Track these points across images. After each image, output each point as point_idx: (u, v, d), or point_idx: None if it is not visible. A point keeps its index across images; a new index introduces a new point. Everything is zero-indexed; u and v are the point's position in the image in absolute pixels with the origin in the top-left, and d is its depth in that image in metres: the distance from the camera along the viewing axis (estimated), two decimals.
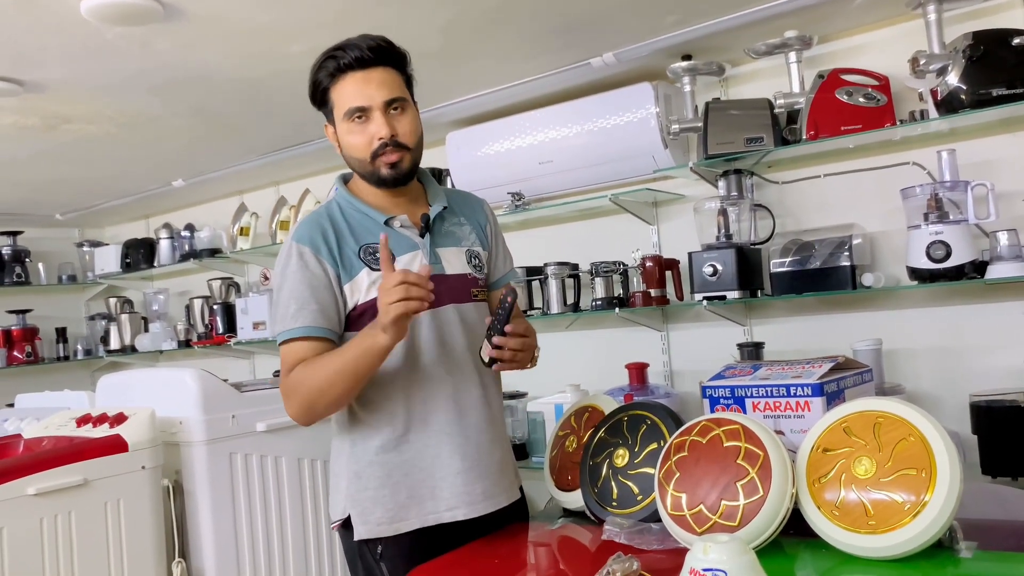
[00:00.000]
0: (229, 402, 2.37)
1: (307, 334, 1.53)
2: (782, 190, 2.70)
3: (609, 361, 2.92)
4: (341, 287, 1.56)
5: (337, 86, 1.56)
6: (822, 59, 2.58)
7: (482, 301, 1.70)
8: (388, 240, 1.49)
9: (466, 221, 1.73)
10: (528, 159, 3.01)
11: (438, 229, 1.66)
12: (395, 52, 1.59)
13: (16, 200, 4.18)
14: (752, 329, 2.77)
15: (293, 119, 3.07)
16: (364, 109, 1.54)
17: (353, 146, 1.57)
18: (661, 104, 2.72)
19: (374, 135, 1.54)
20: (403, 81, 1.60)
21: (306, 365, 1.51)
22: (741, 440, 1.29)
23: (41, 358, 4.57)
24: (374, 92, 1.53)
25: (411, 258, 1.60)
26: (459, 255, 1.67)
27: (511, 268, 1.82)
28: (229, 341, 3.92)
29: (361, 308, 1.56)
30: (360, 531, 1.57)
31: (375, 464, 1.58)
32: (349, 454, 1.62)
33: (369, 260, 1.57)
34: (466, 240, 1.71)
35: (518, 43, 2.47)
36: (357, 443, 1.61)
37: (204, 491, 2.29)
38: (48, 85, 2.47)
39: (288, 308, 1.54)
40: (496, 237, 1.80)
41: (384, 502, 1.56)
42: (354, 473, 1.60)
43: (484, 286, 1.72)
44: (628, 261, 2.89)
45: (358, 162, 1.59)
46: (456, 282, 1.63)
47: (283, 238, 3.74)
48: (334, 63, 1.55)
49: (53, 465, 1.96)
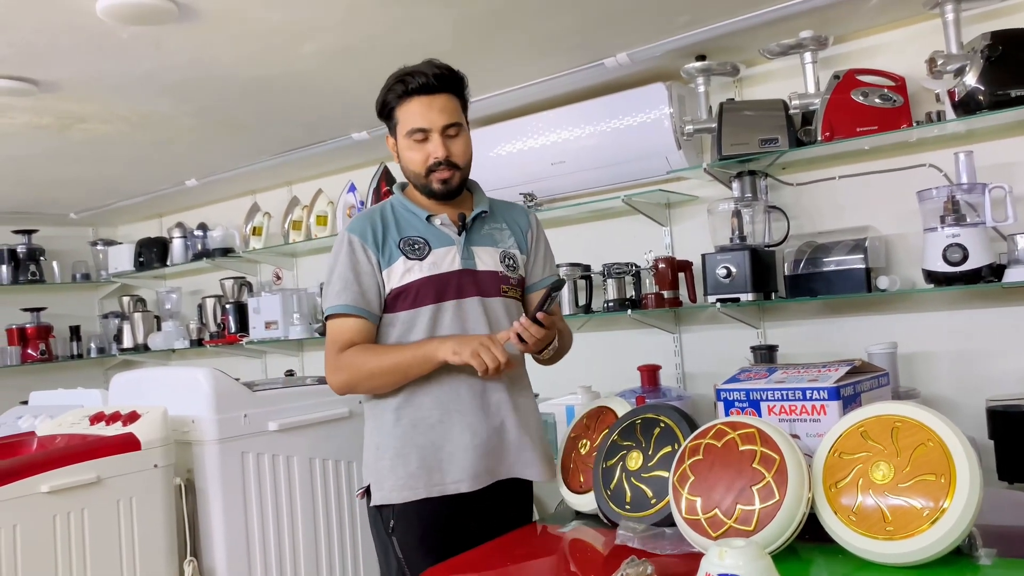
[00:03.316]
0: (241, 401, 2.37)
1: (347, 311, 1.73)
2: (796, 192, 2.68)
3: (621, 363, 2.91)
4: (380, 273, 1.75)
5: (403, 107, 1.75)
6: (837, 60, 2.56)
7: (512, 298, 1.84)
8: (428, 234, 1.75)
9: (507, 227, 1.89)
10: (540, 160, 3.00)
11: (477, 230, 1.83)
12: (457, 79, 1.78)
13: (31, 199, 4.20)
14: (765, 332, 2.76)
15: (305, 120, 3.07)
16: (425, 131, 1.73)
17: (411, 160, 1.77)
18: (675, 105, 2.71)
19: (431, 154, 1.74)
20: (460, 106, 1.79)
21: (362, 350, 1.72)
22: (757, 444, 1.27)
23: (55, 356, 4.60)
24: (435, 117, 1.73)
25: (445, 251, 1.77)
26: (493, 254, 1.82)
27: (553, 273, 1.95)
28: (241, 340, 3.93)
29: (395, 292, 1.74)
30: (375, 497, 1.75)
31: (392, 436, 1.74)
32: (373, 428, 1.80)
33: (407, 250, 1.75)
34: (503, 243, 1.86)
35: (529, 44, 2.47)
36: (379, 417, 1.78)
37: (216, 490, 2.29)
38: (62, 85, 2.48)
39: (335, 287, 1.75)
40: (537, 243, 1.93)
41: (397, 471, 1.72)
42: (375, 444, 1.78)
43: (517, 285, 1.86)
44: (640, 263, 2.88)
45: (414, 175, 1.79)
46: (485, 277, 1.79)
47: (295, 238, 3.77)
48: (402, 87, 1.74)
49: (66, 463, 1.96)
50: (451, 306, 1.74)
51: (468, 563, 1.51)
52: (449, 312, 1.74)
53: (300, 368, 4.02)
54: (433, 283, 1.73)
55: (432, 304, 1.73)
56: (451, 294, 1.74)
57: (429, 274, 1.73)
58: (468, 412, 1.73)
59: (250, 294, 4.09)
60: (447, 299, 1.74)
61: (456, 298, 1.74)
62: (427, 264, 1.74)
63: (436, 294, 1.73)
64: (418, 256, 1.74)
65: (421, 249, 1.75)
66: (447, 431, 1.72)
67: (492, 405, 1.76)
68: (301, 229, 3.75)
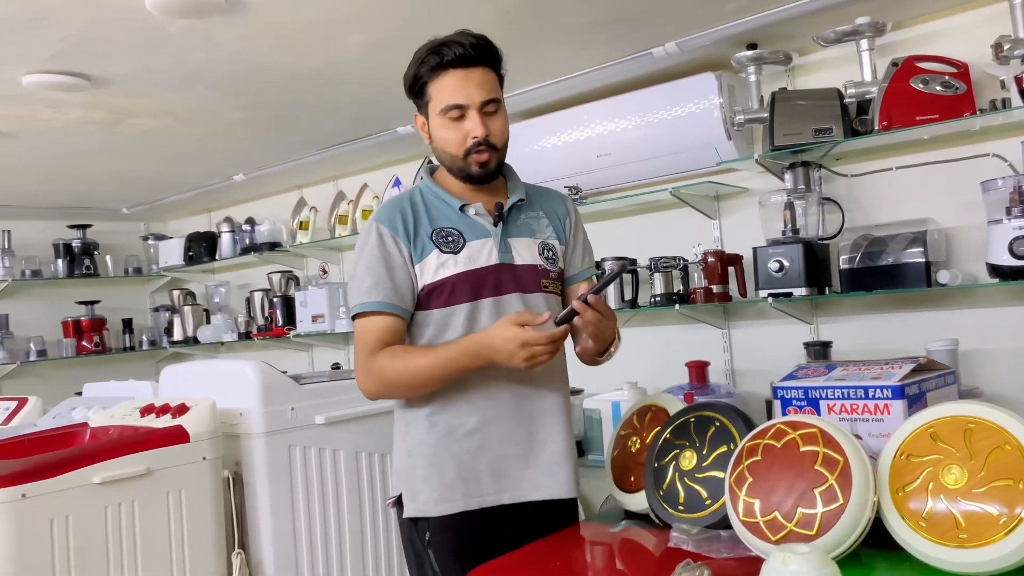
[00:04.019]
0: (288, 394, 2.38)
1: (380, 309, 1.59)
2: (850, 183, 2.60)
3: (668, 359, 2.86)
4: (413, 267, 1.61)
5: (437, 81, 1.60)
6: (895, 46, 2.47)
7: (553, 293, 1.71)
8: (462, 225, 1.61)
9: (544, 215, 1.75)
10: (586, 152, 2.96)
11: (513, 220, 1.69)
12: (494, 51, 1.63)
13: (85, 194, 4.29)
14: (818, 327, 2.68)
15: (352, 113, 3.07)
16: (462, 107, 1.58)
17: (447, 140, 1.62)
18: (724, 95, 2.64)
19: (469, 133, 1.59)
20: (498, 81, 1.64)
21: (396, 354, 1.57)
22: (819, 445, 1.22)
23: (108, 348, 4.69)
24: (473, 92, 1.57)
25: (481, 245, 1.63)
26: (531, 246, 1.68)
27: (591, 264, 1.83)
28: (288, 334, 3.96)
29: (429, 288, 1.61)
30: (409, 509, 1.62)
31: (425, 444, 1.61)
32: (404, 433, 1.67)
33: (440, 242, 1.62)
34: (541, 233, 1.72)
35: (576, 33, 2.42)
36: (410, 423, 1.65)
37: (263, 483, 2.30)
38: (113, 80, 2.51)
39: (363, 283, 1.60)
40: (576, 232, 1.80)
41: (431, 481, 1.59)
42: (407, 452, 1.65)
43: (557, 279, 1.73)
44: (688, 256, 2.83)
45: (450, 157, 1.63)
46: (524, 272, 1.65)
47: (342, 232, 3.78)
48: (436, 58, 1.58)
49: (118, 454, 1.99)
50: (488, 304, 1.61)
51: (514, 563, 1.47)
52: (486, 310, 1.60)
53: (346, 361, 4.04)
54: (469, 279, 1.60)
55: (468, 302, 1.60)
56: (488, 291, 1.61)
57: (465, 269, 1.60)
58: (508, 418, 1.61)
59: (297, 288, 4.12)
60: (484, 296, 1.61)
61: (494, 295, 1.61)
62: (462, 258, 1.61)
63: (473, 291, 1.60)
64: (452, 249, 1.61)
65: (456, 242, 1.62)
66: (486, 439, 1.60)
67: (534, 412, 1.64)
68: (347, 223, 3.76)
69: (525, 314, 1.51)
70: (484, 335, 1.53)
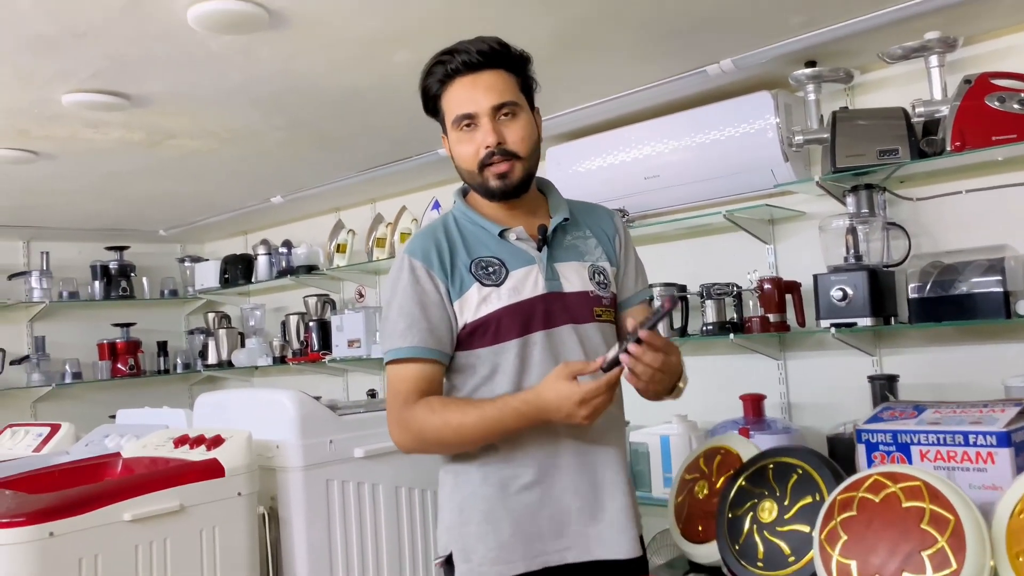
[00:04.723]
0: (327, 426, 2.28)
1: (416, 355, 1.45)
2: (915, 207, 2.47)
3: (719, 390, 2.72)
4: (451, 304, 1.47)
5: (447, 93, 1.49)
6: (964, 63, 2.34)
7: (607, 322, 1.56)
8: (503, 253, 1.47)
9: (591, 234, 1.60)
10: (633, 174, 2.86)
11: (558, 242, 1.54)
12: (509, 54, 1.49)
13: (123, 215, 4.28)
14: (881, 359, 2.54)
15: (393, 134, 3.01)
16: (471, 116, 1.45)
17: (461, 156, 1.49)
18: (781, 114, 2.53)
19: (481, 143, 1.45)
20: (517, 84, 1.50)
21: (435, 410, 1.44)
22: (924, 500, 1.09)
23: (143, 371, 4.66)
24: (480, 97, 1.44)
25: (526, 273, 1.49)
26: (580, 271, 1.54)
27: (645, 286, 1.67)
28: (324, 359, 3.89)
29: (471, 327, 1.47)
30: (461, 570, 1.47)
31: (479, 498, 1.47)
32: (453, 485, 1.53)
33: (481, 275, 1.48)
34: (590, 255, 1.57)
35: (628, 50, 2.33)
36: (460, 474, 1.51)
37: (300, 519, 2.20)
38: (153, 99, 2.47)
39: (397, 325, 1.47)
40: (627, 251, 1.64)
41: (487, 539, 1.45)
42: (457, 506, 1.50)
43: (610, 306, 1.58)
44: (741, 282, 2.70)
45: (467, 173, 1.51)
46: (575, 300, 1.51)
47: (379, 255, 3.71)
48: (442, 68, 1.48)
49: (150, 489, 1.90)
50: (540, 338, 1.46)
51: None
52: (538, 346, 1.46)
53: (381, 388, 3.95)
54: (516, 312, 1.46)
55: (517, 338, 1.46)
56: (538, 324, 1.46)
57: (510, 302, 1.46)
58: (569, 468, 1.47)
59: (333, 312, 4.06)
60: (534, 330, 1.46)
61: (544, 328, 1.46)
62: (506, 290, 1.46)
63: (521, 325, 1.46)
64: (495, 281, 1.47)
65: (497, 272, 1.48)
66: (546, 492, 1.46)
67: (597, 460, 1.49)
68: (384, 246, 3.69)
69: (575, 364, 1.39)
70: (537, 396, 1.39)
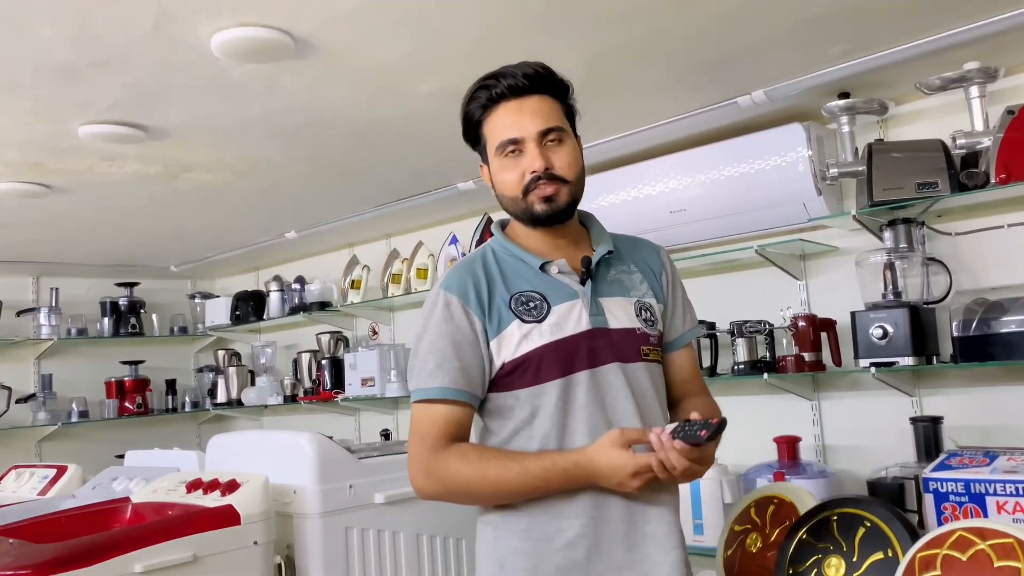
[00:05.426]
0: (346, 470, 2.18)
1: (445, 396, 1.38)
2: (954, 242, 2.39)
3: (750, 432, 2.60)
4: (488, 343, 1.40)
5: (490, 118, 1.44)
6: (1004, 94, 2.28)
7: (655, 362, 1.48)
8: (544, 287, 1.42)
9: (636, 268, 1.53)
10: (658, 208, 2.79)
11: (603, 276, 1.48)
12: (554, 79, 1.45)
13: (134, 250, 4.22)
14: (921, 400, 2.43)
15: (412, 167, 2.95)
16: (517, 141, 1.40)
17: (505, 183, 1.44)
18: (813, 147, 2.46)
19: (526, 168, 1.40)
20: (562, 110, 1.46)
21: (469, 460, 1.37)
22: (1019, 560, 0.99)
23: (151, 409, 4.57)
24: (527, 122, 1.40)
25: (569, 308, 1.42)
26: (626, 307, 1.47)
27: (694, 325, 1.59)
28: (336, 397, 3.79)
29: (510, 366, 1.40)
30: None
31: (521, 553, 1.38)
32: (492, 539, 1.44)
33: (521, 311, 1.41)
34: (636, 290, 1.50)
35: (660, 81, 2.27)
36: (500, 527, 1.42)
37: (318, 569, 2.09)
38: (171, 131, 2.42)
39: (427, 363, 1.40)
40: (674, 288, 1.58)
41: None
42: (497, 562, 1.41)
43: (658, 344, 1.50)
44: (771, 319, 2.61)
45: (511, 200, 1.45)
46: (622, 338, 1.43)
47: (394, 291, 3.63)
48: (486, 93, 1.43)
49: (162, 539, 1.80)
50: (584, 378, 1.39)
51: None
52: (583, 386, 1.39)
53: (395, 428, 3.84)
54: (559, 350, 1.38)
55: (560, 378, 1.38)
56: (583, 363, 1.39)
57: (552, 339, 1.39)
58: (618, 520, 1.38)
59: (346, 349, 3.97)
60: (578, 369, 1.39)
61: (589, 367, 1.39)
62: (548, 326, 1.39)
63: (564, 364, 1.38)
64: (536, 317, 1.40)
65: (539, 307, 1.41)
66: (594, 546, 1.37)
67: (648, 512, 1.40)
68: (400, 283, 3.61)
69: (631, 432, 1.32)
70: (589, 460, 1.33)
